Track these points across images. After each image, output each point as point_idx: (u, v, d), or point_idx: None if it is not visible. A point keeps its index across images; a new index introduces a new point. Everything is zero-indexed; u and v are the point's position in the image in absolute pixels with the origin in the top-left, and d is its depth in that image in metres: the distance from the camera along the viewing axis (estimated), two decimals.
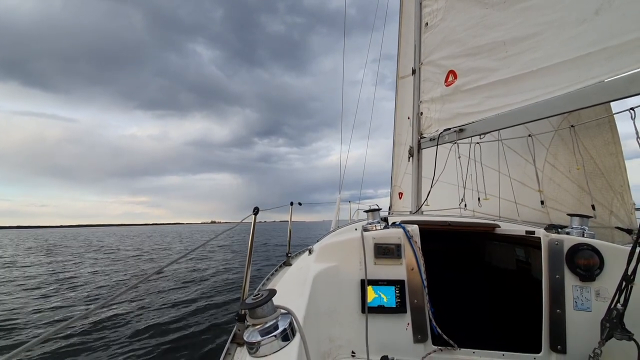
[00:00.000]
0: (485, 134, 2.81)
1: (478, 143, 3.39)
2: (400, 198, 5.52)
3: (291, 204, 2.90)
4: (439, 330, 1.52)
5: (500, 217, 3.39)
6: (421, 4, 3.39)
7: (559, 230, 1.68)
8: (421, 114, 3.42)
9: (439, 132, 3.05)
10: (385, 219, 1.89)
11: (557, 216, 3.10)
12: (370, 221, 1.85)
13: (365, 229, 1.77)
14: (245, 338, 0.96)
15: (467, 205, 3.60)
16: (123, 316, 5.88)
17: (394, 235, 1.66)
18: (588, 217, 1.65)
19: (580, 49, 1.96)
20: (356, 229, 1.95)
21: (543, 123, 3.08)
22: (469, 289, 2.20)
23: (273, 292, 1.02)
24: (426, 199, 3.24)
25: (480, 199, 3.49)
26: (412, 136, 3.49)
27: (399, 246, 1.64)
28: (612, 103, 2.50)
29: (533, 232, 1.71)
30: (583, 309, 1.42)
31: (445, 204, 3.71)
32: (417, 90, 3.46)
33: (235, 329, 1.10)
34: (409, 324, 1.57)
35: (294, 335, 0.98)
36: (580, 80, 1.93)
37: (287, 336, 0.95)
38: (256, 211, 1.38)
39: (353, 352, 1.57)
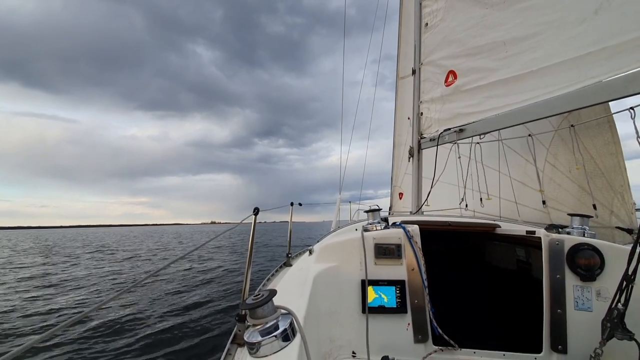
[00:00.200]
0: (485, 134, 2.81)
1: (478, 143, 3.39)
2: (401, 198, 5.51)
3: (291, 204, 2.90)
4: (440, 331, 1.52)
5: (500, 217, 3.38)
6: (421, 4, 3.40)
7: (560, 230, 1.67)
8: (421, 114, 3.43)
9: (439, 132, 3.05)
10: (386, 219, 1.89)
11: (557, 216, 3.10)
12: (371, 221, 1.85)
13: (366, 229, 1.77)
14: (245, 338, 0.96)
15: (467, 206, 3.59)
16: (123, 317, 5.88)
17: (394, 235, 1.66)
18: (589, 216, 1.65)
19: (580, 49, 1.96)
20: (356, 229, 1.95)
21: (543, 123, 3.08)
22: (469, 289, 2.20)
23: (273, 292, 1.02)
24: (426, 199, 3.24)
25: (483, 199, 3.48)
26: (412, 136, 3.50)
27: (399, 246, 1.64)
28: (611, 103, 2.51)
29: (534, 232, 1.71)
30: (584, 309, 1.42)
31: (446, 204, 3.71)
32: (417, 91, 3.46)
33: (236, 329, 1.09)
34: (409, 324, 1.56)
35: (294, 335, 0.98)
36: (580, 80, 1.93)
37: (287, 336, 0.95)
38: (256, 212, 1.38)
39: (354, 353, 1.56)
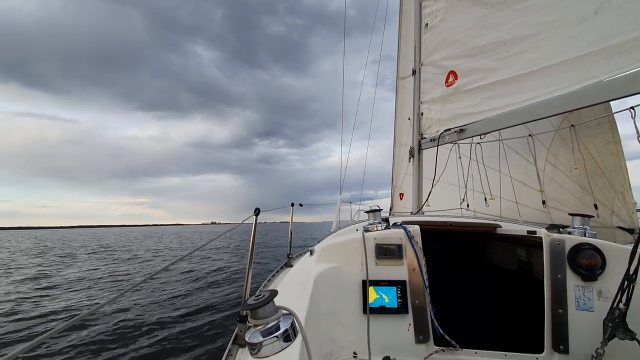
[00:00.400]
0: (485, 134, 2.81)
1: (479, 143, 3.39)
2: (401, 199, 5.51)
3: (292, 205, 2.90)
4: (441, 331, 1.52)
5: (501, 217, 3.38)
6: (421, 4, 3.40)
7: (561, 230, 1.67)
8: (422, 114, 3.43)
9: (440, 133, 3.05)
10: (387, 220, 1.89)
11: (558, 216, 3.09)
12: (372, 222, 1.85)
13: (367, 230, 1.77)
14: (246, 339, 0.96)
15: (469, 206, 3.59)
16: (122, 317, 5.88)
17: (395, 235, 1.66)
18: (590, 216, 1.65)
19: (580, 49, 1.96)
20: (357, 230, 1.94)
21: (543, 123, 3.08)
22: (470, 289, 2.20)
23: (274, 292, 1.02)
24: (427, 199, 3.24)
25: (487, 199, 3.48)
26: (413, 137, 3.50)
27: (400, 246, 1.64)
28: (611, 102, 2.50)
29: (534, 232, 1.71)
30: (585, 309, 1.42)
31: (446, 205, 3.70)
32: (418, 91, 3.46)
33: (237, 330, 1.09)
34: (410, 324, 1.56)
35: (295, 336, 0.98)
36: (580, 80, 1.93)
37: (288, 337, 0.95)
38: (257, 212, 1.38)
39: (355, 353, 1.56)
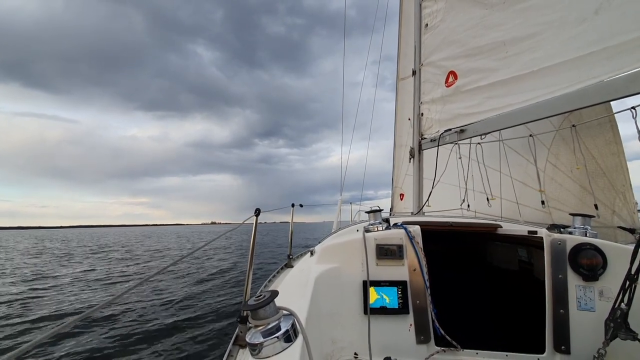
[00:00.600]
0: (486, 134, 2.81)
1: (479, 143, 3.39)
2: (402, 199, 5.50)
3: (292, 205, 2.90)
4: (442, 331, 1.52)
5: (502, 217, 3.38)
6: (421, 5, 3.40)
7: (562, 230, 1.67)
8: (422, 115, 3.42)
9: (440, 133, 3.05)
10: (387, 220, 1.89)
11: (559, 216, 3.09)
12: (372, 222, 1.85)
13: (367, 230, 1.77)
14: (247, 339, 0.95)
15: (469, 206, 3.58)
16: (122, 317, 5.88)
17: (395, 236, 1.66)
18: (590, 216, 1.65)
19: (580, 49, 1.96)
20: (358, 230, 1.94)
21: (544, 123, 3.08)
22: (471, 289, 2.19)
23: (275, 293, 1.01)
24: (427, 199, 3.24)
25: (489, 199, 3.47)
26: (413, 137, 3.50)
27: (400, 247, 1.63)
28: (612, 103, 2.50)
29: (535, 232, 1.71)
30: (587, 309, 1.42)
31: (447, 205, 3.70)
32: (418, 92, 3.46)
33: (237, 330, 1.09)
34: (411, 325, 1.56)
35: (296, 336, 0.98)
36: (580, 80, 1.93)
37: (289, 337, 0.95)
38: (258, 212, 1.38)
39: (356, 354, 1.56)
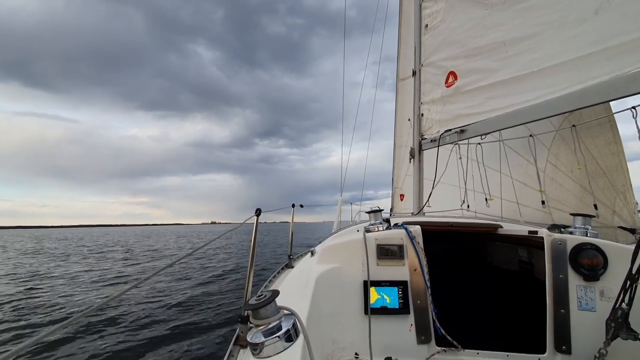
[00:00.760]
0: (486, 134, 2.81)
1: (479, 144, 3.39)
2: (402, 200, 5.50)
3: (293, 206, 2.89)
4: (443, 331, 1.52)
5: (502, 217, 3.38)
6: (421, 5, 3.41)
7: (562, 230, 1.67)
8: (422, 115, 3.43)
9: (440, 133, 3.05)
10: (388, 220, 1.89)
11: (559, 216, 3.09)
12: (373, 222, 1.85)
13: (368, 230, 1.77)
14: (248, 339, 0.95)
15: (469, 206, 3.58)
16: (122, 318, 5.87)
17: (396, 236, 1.66)
18: (591, 216, 1.65)
19: (580, 49, 1.96)
20: (358, 230, 1.94)
21: (544, 123, 3.08)
22: (471, 289, 2.19)
23: (276, 292, 1.01)
24: (428, 200, 3.24)
25: (488, 199, 3.47)
26: (413, 137, 3.50)
27: (401, 247, 1.64)
28: (612, 103, 2.50)
29: (536, 232, 1.71)
30: (587, 309, 1.42)
31: (447, 205, 3.70)
32: (418, 92, 3.47)
33: (238, 330, 1.09)
34: (412, 325, 1.56)
35: (297, 336, 0.98)
36: (581, 80, 1.93)
37: (290, 337, 0.95)
38: (258, 212, 1.38)
39: (356, 354, 1.56)
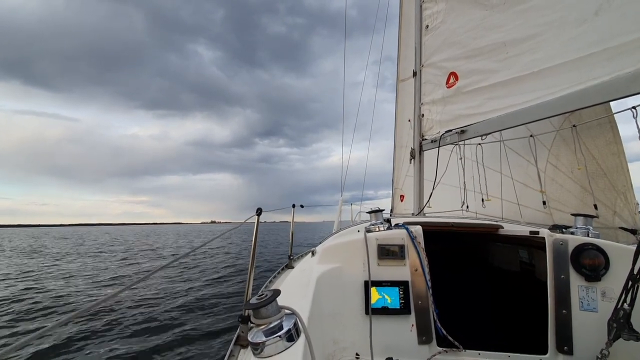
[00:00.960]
0: (486, 135, 2.81)
1: (479, 144, 3.39)
2: (402, 200, 5.50)
3: (293, 206, 2.90)
4: (444, 332, 1.51)
5: (502, 218, 3.37)
6: (421, 6, 3.42)
7: (563, 230, 1.67)
8: (422, 116, 3.43)
9: (441, 134, 3.05)
10: (388, 220, 1.89)
11: (560, 217, 3.08)
12: (373, 222, 1.85)
13: (369, 230, 1.77)
14: (249, 339, 0.95)
15: (469, 207, 3.59)
16: (122, 318, 5.85)
17: (397, 236, 1.66)
18: (592, 216, 1.65)
19: (580, 50, 1.96)
20: (359, 231, 1.94)
21: (544, 123, 3.08)
22: (472, 290, 2.19)
23: (277, 292, 1.01)
24: (428, 200, 3.23)
25: (484, 200, 3.48)
26: (414, 138, 3.50)
27: (402, 247, 1.63)
28: (612, 103, 2.51)
29: (537, 233, 1.71)
30: (589, 310, 1.41)
31: (447, 206, 3.70)
32: (418, 93, 3.47)
33: (239, 330, 1.09)
34: (413, 325, 1.56)
35: (298, 335, 0.97)
36: (581, 81, 1.93)
37: (291, 336, 0.95)
38: (259, 212, 1.38)
39: (357, 354, 1.55)
